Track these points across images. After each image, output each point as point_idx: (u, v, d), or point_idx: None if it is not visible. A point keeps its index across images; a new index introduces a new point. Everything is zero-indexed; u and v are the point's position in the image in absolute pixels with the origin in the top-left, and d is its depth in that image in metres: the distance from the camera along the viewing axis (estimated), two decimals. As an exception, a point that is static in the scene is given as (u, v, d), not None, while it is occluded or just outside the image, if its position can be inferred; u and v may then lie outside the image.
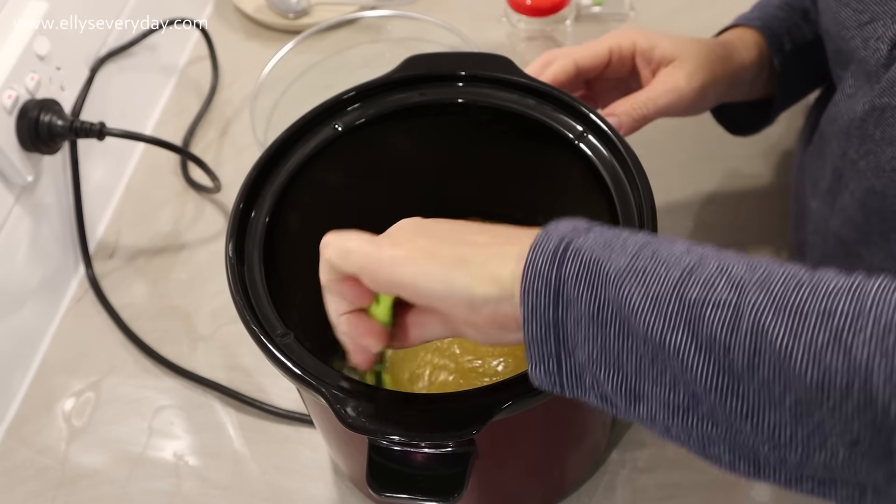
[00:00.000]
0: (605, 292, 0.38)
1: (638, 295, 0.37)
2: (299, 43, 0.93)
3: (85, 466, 0.72)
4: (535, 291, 0.40)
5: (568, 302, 0.39)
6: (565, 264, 0.39)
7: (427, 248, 0.43)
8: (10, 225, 0.73)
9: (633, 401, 0.39)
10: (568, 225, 0.41)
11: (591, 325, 0.39)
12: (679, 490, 0.65)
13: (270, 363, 0.51)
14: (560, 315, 0.39)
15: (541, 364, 0.41)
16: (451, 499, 0.48)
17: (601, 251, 0.39)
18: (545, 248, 0.40)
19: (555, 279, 0.39)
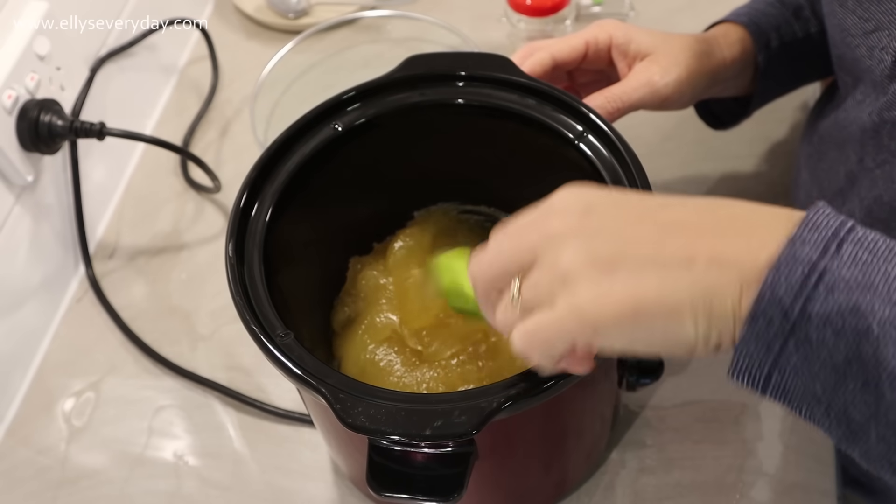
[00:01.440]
0: (859, 347, 0.33)
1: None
2: (299, 43, 0.93)
3: (85, 466, 0.72)
4: (766, 319, 0.35)
5: (806, 341, 0.34)
6: (814, 301, 0.34)
7: (625, 302, 0.37)
8: (10, 225, 0.73)
9: (849, 441, 0.36)
10: (817, 236, 0.35)
11: (827, 372, 0.34)
12: (679, 490, 0.65)
13: (270, 363, 0.51)
14: (789, 348, 0.35)
15: (745, 373, 0.37)
16: (451, 499, 0.48)
17: (860, 292, 0.33)
18: (790, 275, 0.34)
19: (797, 314, 0.34)
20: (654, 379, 0.62)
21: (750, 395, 0.68)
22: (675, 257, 0.37)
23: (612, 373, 0.60)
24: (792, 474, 0.65)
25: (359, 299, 0.66)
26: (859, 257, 0.34)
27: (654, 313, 0.36)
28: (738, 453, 0.66)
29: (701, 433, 0.67)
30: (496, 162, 0.66)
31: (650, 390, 0.69)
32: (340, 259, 0.69)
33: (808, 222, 0.36)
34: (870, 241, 0.35)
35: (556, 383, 0.48)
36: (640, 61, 0.66)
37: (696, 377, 0.70)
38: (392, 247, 0.67)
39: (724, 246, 0.36)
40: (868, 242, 0.35)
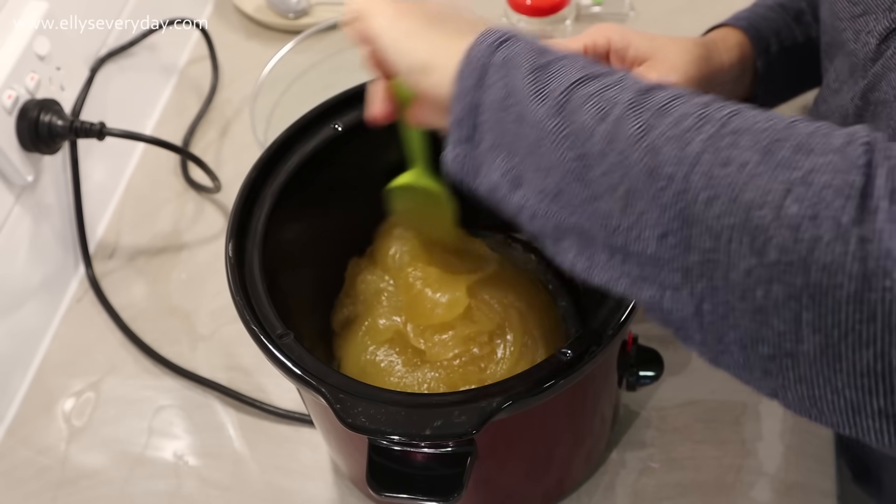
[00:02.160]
0: (514, 81, 0.41)
1: (537, 85, 0.40)
2: (299, 43, 0.93)
3: (85, 466, 0.72)
4: (466, 73, 0.43)
5: (488, 86, 0.42)
6: (496, 53, 0.42)
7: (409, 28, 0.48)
8: (10, 225, 0.73)
9: (515, 186, 0.42)
10: (521, 31, 0.44)
11: (498, 110, 0.42)
12: (679, 490, 0.65)
13: (270, 363, 0.51)
14: (479, 97, 0.43)
15: (456, 146, 0.44)
16: (450, 499, 0.48)
17: (531, 52, 0.42)
18: (488, 37, 0.43)
19: (483, 64, 0.43)
20: (654, 379, 0.62)
21: (750, 395, 0.68)
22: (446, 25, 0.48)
23: (612, 373, 0.60)
24: (792, 474, 0.65)
25: (358, 301, 0.66)
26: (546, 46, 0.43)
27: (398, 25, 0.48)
28: (738, 453, 0.66)
29: (701, 433, 0.67)
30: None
31: (650, 390, 0.69)
32: (340, 259, 0.69)
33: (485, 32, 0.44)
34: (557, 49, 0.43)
35: (556, 383, 0.48)
36: (637, 66, 0.66)
37: (697, 377, 0.70)
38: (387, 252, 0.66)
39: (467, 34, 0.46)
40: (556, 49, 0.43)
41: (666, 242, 0.35)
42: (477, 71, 0.43)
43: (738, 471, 0.65)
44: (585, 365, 0.48)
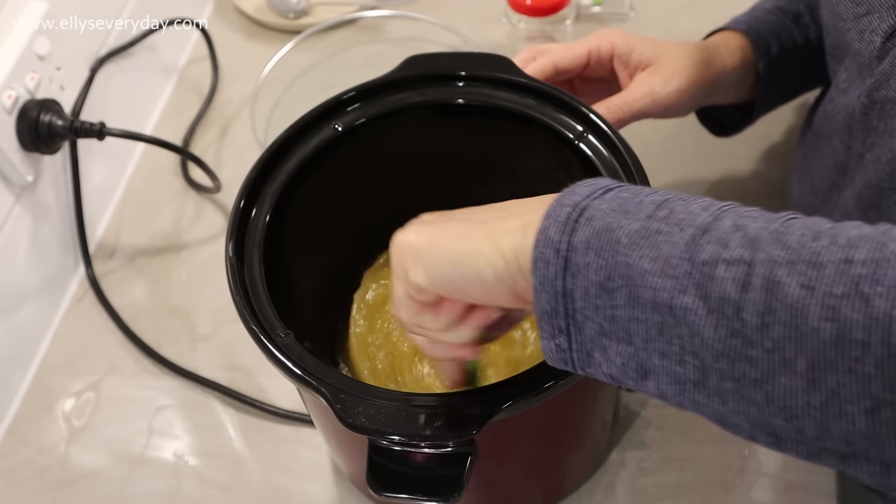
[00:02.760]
0: (615, 258, 0.37)
1: (647, 258, 0.36)
2: (299, 43, 0.93)
3: (85, 466, 0.72)
4: (544, 260, 0.38)
5: (577, 270, 0.38)
6: (577, 232, 0.38)
7: (428, 237, 0.43)
8: (10, 225, 0.73)
9: (642, 377, 0.38)
10: (585, 188, 0.40)
11: (600, 294, 0.37)
12: (679, 490, 0.65)
13: (270, 363, 0.51)
14: (568, 285, 0.38)
15: (551, 339, 0.40)
16: (450, 499, 0.48)
17: (614, 217, 0.37)
18: (557, 216, 0.39)
19: (565, 248, 0.38)
20: (654, 379, 0.62)
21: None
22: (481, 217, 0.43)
23: (612, 373, 0.60)
24: (792, 474, 0.65)
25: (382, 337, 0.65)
26: (620, 195, 0.39)
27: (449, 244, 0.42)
28: (738, 453, 0.66)
29: (701, 433, 0.67)
30: (496, 161, 0.66)
31: (650, 390, 0.69)
32: (340, 259, 0.69)
33: (583, 182, 0.40)
34: (637, 188, 0.39)
35: (556, 383, 0.48)
36: (641, 71, 0.67)
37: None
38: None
39: (521, 207, 0.42)
40: (635, 188, 0.39)
41: (880, 416, 0.31)
42: (555, 257, 0.38)
43: (738, 471, 0.65)
44: (585, 365, 0.48)
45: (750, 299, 0.33)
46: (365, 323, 0.65)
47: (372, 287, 0.67)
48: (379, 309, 0.65)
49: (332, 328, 0.68)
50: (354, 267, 0.69)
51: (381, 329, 0.64)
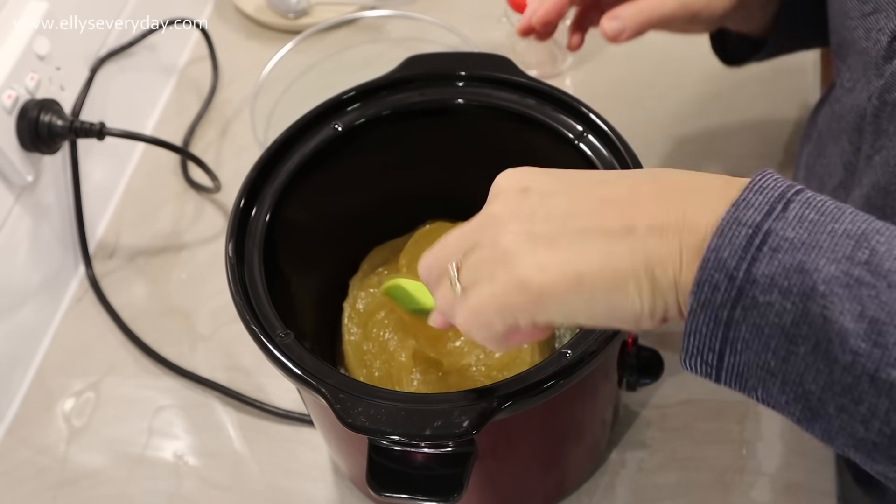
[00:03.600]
0: (806, 306, 0.32)
1: (850, 315, 0.31)
2: (299, 43, 0.93)
3: (85, 466, 0.72)
4: (711, 285, 0.34)
5: (753, 305, 0.33)
6: (758, 263, 0.33)
7: (567, 270, 0.36)
8: (10, 225, 0.73)
9: (809, 419, 0.35)
10: (761, 198, 0.34)
11: (777, 338, 0.33)
12: (679, 490, 0.65)
13: (270, 363, 0.51)
14: (737, 316, 0.34)
15: (697, 355, 0.36)
16: (450, 499, 0.48)
17: (806, 253, 0.32)
18: (734, 238, 0.33)
19: (742, 277, 0.33)
20: (654, 379, 0.62)
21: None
22: (615, 227, 0.36)
23: (612, 373, 0.60)
24: (792, 474, 0.65)
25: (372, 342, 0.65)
26: (805, 216, 0.33)
27: (597, 282, 0.36)
28: (738, 453, 0.66)
29: (701, 433, 0.67)
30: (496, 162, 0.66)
31: (650, 390, 0.69)
32: (340, 259, 0.69)
33: (754, 185, 0.35)
34: (818, 202, 0.34)
35: (556, 383, 0.48)
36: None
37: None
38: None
39: (663, 212, 0.36)
40: (816, 202, 0.34)
41: None
42: (728, 284, 0.33)
43: (738, 471, 0.65)
44: (585, 365, 0.48)
45: None
46: (359, 331, 0.65)
47: (360, 296, 0.66)
48: (371, 317, 0.65)
49: (331, 329, 0.68)
50: (354, 267, 0.69)
51: (376, 337, 0.64)
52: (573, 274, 0.36)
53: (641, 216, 0.36)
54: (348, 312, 0.66)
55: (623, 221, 0.36)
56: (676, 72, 0.89)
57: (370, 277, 0.68)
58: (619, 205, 0.37)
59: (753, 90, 0.86)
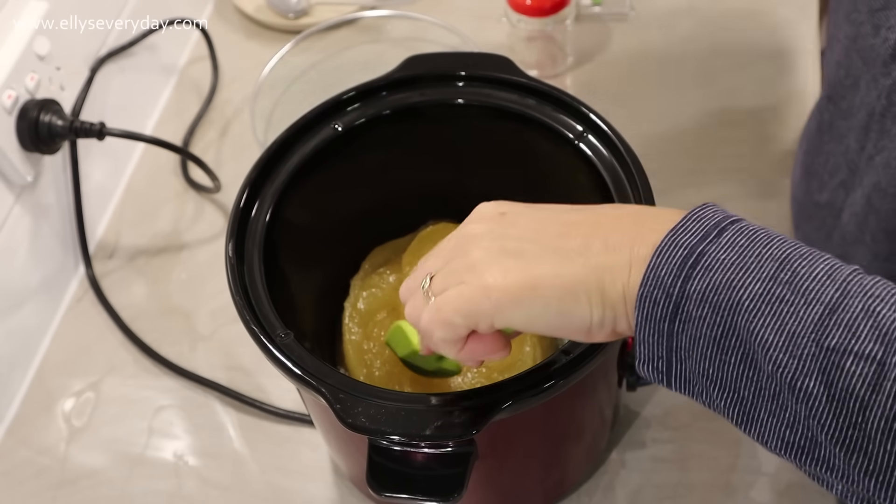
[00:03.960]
0: (733, 319, 0.36)
1: (771, 331, 0.34)
2: (299, 43, 0.93)
3: (85, 466, 0.72)
4: (651, 300, 0.37)
5: (688, 319, 0.37)
6: (692, 281, 0.36)
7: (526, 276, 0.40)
8: (10, 225, 0.73)
9: (745, 422, 0.37)
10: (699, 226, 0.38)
11: (711, 348, 0.37)
12: (679, 490, 0.65)
13: (270, 363, 0.51)
14: (676, 328, 0.37)
15: (649, 363, 0.39)
16: (450, 499, 0.48)
17: (733, 272, 0.36)
18: (670, 258, 0.37)
19: (677, 293, 0.37)
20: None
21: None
22: (574, 245, 0.40)
23: (612, 373, 0.60)
24: (792, 474, 0.65)
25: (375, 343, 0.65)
26: (737, 242, 0.37)
27: (551, 289, 0.39)
28: (738, 453, 0.66)
29: (701, 433, 0.67)
30: (496, 162, 0.66)
31: (650, 390, 0.69)
32: (340, 259, 0.69)
33: (693, 215, 0.38)
34: (751, 230, 0.37)
35: (556, 383, 0.48)
36: None
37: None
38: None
39: (617, 234, 0.40)
40: (749, 231, 0.37)
41: None
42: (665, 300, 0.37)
43: (739, 471, 0.65)
44: (585, 365, 0.48)
45: (878, 402, 0.32)
46: (359, 330, 0.65)
47: (362, 296, 0.66)
48: (372, 317, 0.65)
49: (331, 328, 0.68)
50: (355, 267, 0.69)
51: (377, 337, 0.64)
52: (530, 279, 0.40)
53: (598, 237, 0.40)
54: (349, 312, 0.66)
55: (581, 241, 0.40)
56: (676, 72, 0.89)
57: (371, 277, 0.68)
58: (582, 228, 0.41)
59: (753, 90, 0.86)
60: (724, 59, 0.89)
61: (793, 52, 0.88)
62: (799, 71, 0.87)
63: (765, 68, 0.88)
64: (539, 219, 0.43)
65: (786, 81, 0.86)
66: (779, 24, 0.90)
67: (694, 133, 0.84)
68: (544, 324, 0.41)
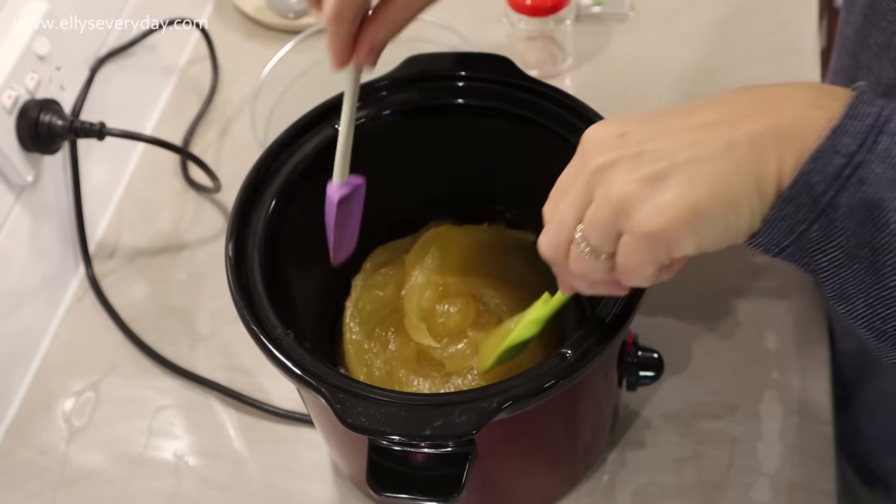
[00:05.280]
0: (874, 236, 0.36)
1: None
2: (299, 43, 0.93)
3: (85, 466, 0.72)
4: (796, 204, 0.37)
5: (829, 225, 0.37)
6: (844, 192, 0.36)
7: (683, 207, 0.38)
8: (10, 225, 0.73)
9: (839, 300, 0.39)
10: (857, 126, 0.37)
11: (840, 253, 0.38)
12: (679, 490, 0.65)
13: (270, 363, 0.51)
14: (812, 231, 0.38)
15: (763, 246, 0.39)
16: (450, 499, 0.48)
17: (887, 187, 0.36)
18: (826, 165, 0.36)
19: (826, 203, 0.37)
20: (654, 379, 0.62)
21: (750, 396, 0.68)
22: (718, 148, 0.38)
23: (611, 373, 0.60)
24: (792, 474, 0.65)
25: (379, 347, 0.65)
26: (892, 151, 0.36)
27: (714, 210, 0.38)
28: (738, 453, 0.66)
29: (701, 433, 0.67)
30: (496, 161, 0.66)
31: (650, 390, 0.69)
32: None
33: (851, 111, 0.37)
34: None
35: (556, 383, 0.48)
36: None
37: (697, 377, 0.70)
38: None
39: (759, 124, 0.38)
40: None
41: None
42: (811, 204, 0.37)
43: (739, 471, 0.65)
44: (585, 365, 0.48)
45: None
46: (360, 330, 0.65)
47: (363, 295, 0.66)
48: (373, 317, 0.65)
49: (331, 328, 0.68)
50: (355, 267, 0.69)
51: (378, 336, 0.64)
52: (691, 209, 0.38)
53: (740, 133, 0.38)
54: (350, 311, 0.66)
55: (724, 139, 0.38)
56: (676, 72, 0.89)
57: (373, 277, 0.68)
58: (718, 126, 0.39)
59: (753, 90, 0.86)
60: (724, 59, 0.89)
61: (793, 52, 0.88)
62: (799, 71, 0.87)
63: (765, 68, 0.88)
64: (666, 130, 0.40)
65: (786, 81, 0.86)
66: (779, 24, 0.90)
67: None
68: (714, 242, 0.39)
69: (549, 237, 0.44)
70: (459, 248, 0.66)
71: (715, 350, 0.70)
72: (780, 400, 0.68)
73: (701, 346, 0.71)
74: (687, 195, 0.38)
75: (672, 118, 0.40)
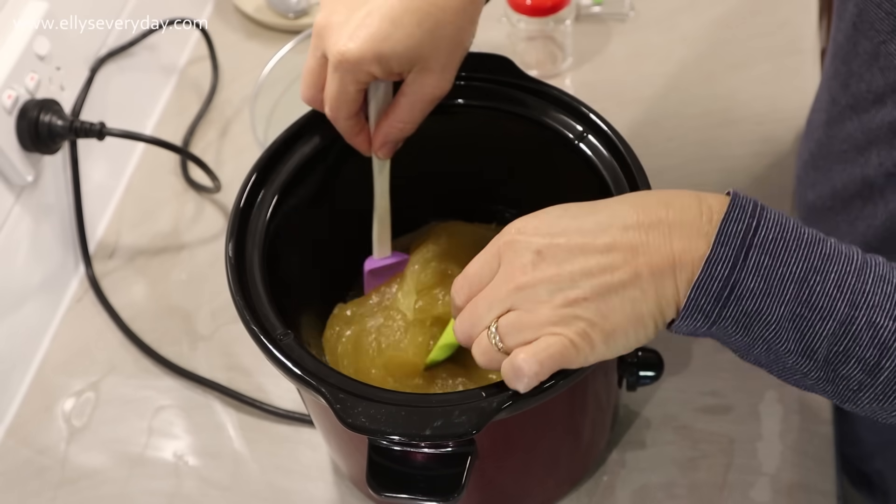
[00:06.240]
0: (762, 334, 0.43)
1: (793, 342, 0.43)
2: (299, 43, 0.93)
3: (85, 466, 0.72)
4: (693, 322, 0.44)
5: (723, 331, 0.44)
6: (727, 308, 0.43)
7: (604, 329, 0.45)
8: (10, 225, 0.73)
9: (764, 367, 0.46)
10: (727, 252, 0.43)
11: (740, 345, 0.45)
12: (679, 490, 0.65)
13: (270, 363, 0.51)
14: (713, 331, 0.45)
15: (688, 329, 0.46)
16: (450, 499, 0.48)
17: (761, 300, 0.42)
18: (708, 290, 0.43)
19: (715, 315, 0.43)
20: (654, 379, 0.62)
21: (750, 396, 0.68)
22: (626, 277, 0.44)
23: (611, 373, 0.60)
24: (792, 474, 0.65)
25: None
26: (762, 263, 0.42)
27: (627, 329, 0.45)
28: (738, 453, 0.66)
29: (700, 433, 0.67)
30: (496, 162, 0.66)
31: (650, 390, 0.69)
32: (340, 259, 0.69)
33: (721, 236, 0.43)
34: (770, 241, 0.43)
35: (556, 383, 0.48)
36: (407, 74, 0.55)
37: (697, 377, 0.70)
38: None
39: (658, 256, 0.44)
40: (769, 243, 0.43)
41: None
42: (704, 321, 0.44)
43: (738, 471, 0.65)
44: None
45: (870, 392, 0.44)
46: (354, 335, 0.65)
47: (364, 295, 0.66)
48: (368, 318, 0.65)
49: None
50: (355, 267, 0.69)
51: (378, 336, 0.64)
52: (608, 331, 0.45)
53: (642, 265, 0.44)
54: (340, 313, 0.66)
55: (630, 269, 0.44)
56: (676, 72, 0.89)
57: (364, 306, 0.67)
58: (622, 251, 0.45)
59: (753, 90, 0.86)
60: (724, 59, 0.89)
61: (793, 52, 0.88)
62: (799, 71, 0.87)
63: (765, 68, 0.88)
64: (576, 251, 0.45)
65: (786, 81, 0.86)
66: (779, 24, 0.90)
67: (694, 133, 0.84)
68: (626, 348, 0.47)
69: (467, 329, 0.49)
70: (467, 242, 0.66)
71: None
72: (780, 400, 0.68)
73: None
74: (609, 320, 0.45)
75: (579, 235, 0.46)
